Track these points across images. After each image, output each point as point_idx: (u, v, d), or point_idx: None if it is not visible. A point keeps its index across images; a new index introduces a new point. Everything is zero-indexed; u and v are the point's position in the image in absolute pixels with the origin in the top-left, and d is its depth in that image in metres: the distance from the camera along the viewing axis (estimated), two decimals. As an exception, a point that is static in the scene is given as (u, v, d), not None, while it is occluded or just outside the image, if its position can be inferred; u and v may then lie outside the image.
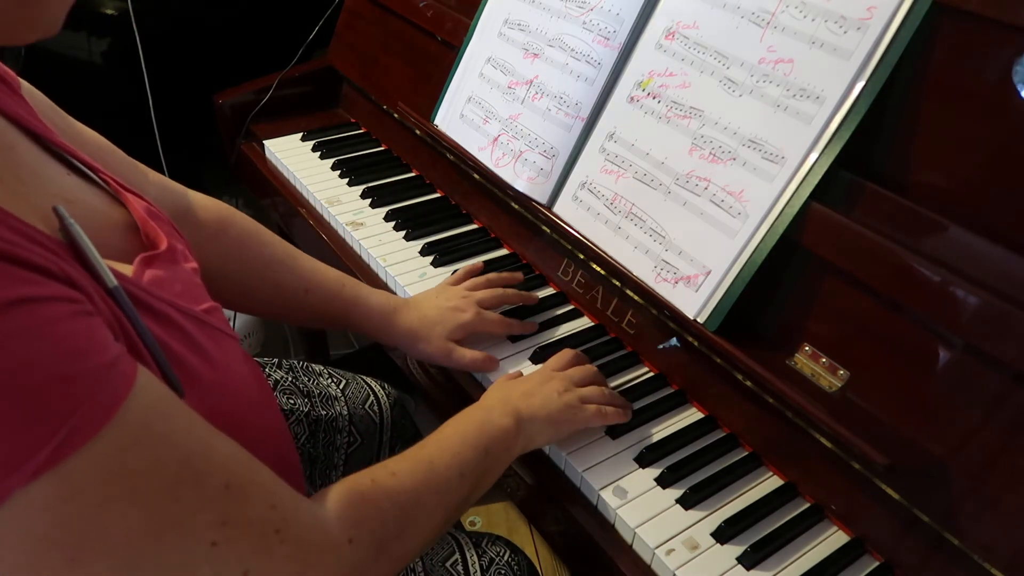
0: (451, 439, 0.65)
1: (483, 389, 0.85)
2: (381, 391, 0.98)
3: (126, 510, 0.39)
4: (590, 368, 0.80)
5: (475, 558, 0.77)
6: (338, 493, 0.53)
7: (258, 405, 0.58)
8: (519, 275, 0.95)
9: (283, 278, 0.82)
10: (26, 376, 0.35)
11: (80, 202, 0.52)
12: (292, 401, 0.89)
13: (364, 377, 0.99)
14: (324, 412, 0.90)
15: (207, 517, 0.42)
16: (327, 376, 0.96)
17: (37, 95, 0.60)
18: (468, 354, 0.84)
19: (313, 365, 0.97)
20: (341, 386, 0.95)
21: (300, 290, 0.83)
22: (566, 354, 0.82)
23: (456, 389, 0.87)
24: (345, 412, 0.92)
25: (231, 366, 0.54)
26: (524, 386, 0.75)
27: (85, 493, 0.37)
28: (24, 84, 0.58)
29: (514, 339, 0.89)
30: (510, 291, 0.91)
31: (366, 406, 0.94)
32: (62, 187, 0.52)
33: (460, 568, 0.76)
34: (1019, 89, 0.63)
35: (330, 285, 0.84)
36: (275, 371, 0.93)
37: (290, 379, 0.93)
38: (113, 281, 0.44)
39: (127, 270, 0.50)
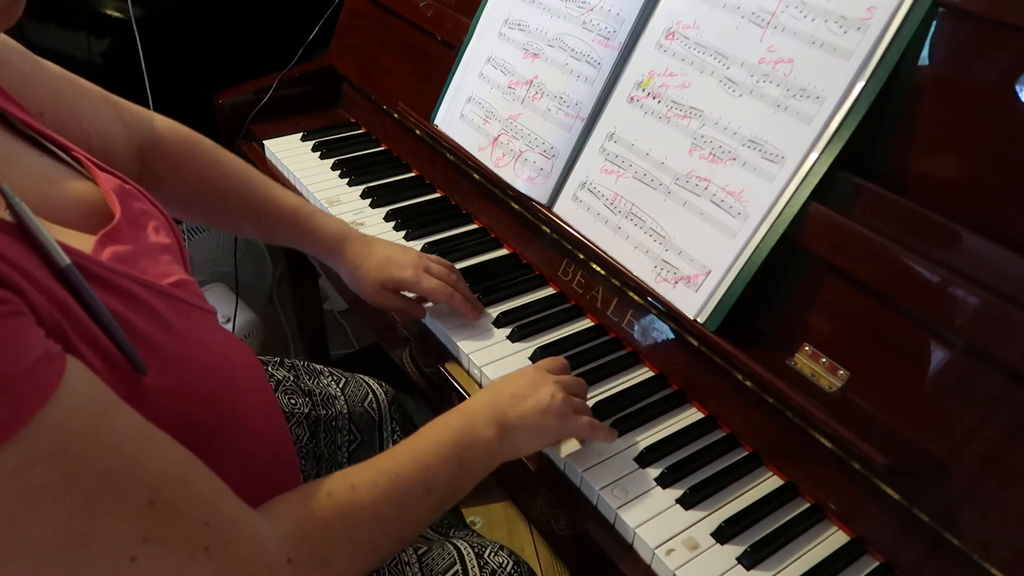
0: (424, 449, 0.61)
1: (481, 386, 0.85)
2: (379, 389, 0.98)
3: (33, 527, 0.37)
4: (580, 380, 0.78)
5: (476, 569, 0.76)
6: (288, 506, 0.52)
7: (238, 380, 0.57)
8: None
9: (241, 204, 0.86)
10: None
11: (52, 181, 0.52)
12: (293, 401, 0.90)
13: (363, 376, 0.99)
14: (324, 411, 0.91)
15: (126, 533, 0.40)
16: (327, 375, 0.96)
17: (10, 52, 0.60)
18: (392, 302, 0.91)
19: (314, 364, 0.98)
20: (340, 385, 0.96)
21: (254, 215, 0.87)
22: (559, 360, 0.80)
23: (453, 387, 0.87)
24: (345, 411, 0.92)
25: (203, 341, 0.52)
26: (514, 387, 0.71)
27: None
28: None
29: (513, 339, 0.89)
30: (458, 295, 0.89)
31: (365, 404, 0.95)
32: (33, 167, 0.51)
33: None
34: (1019, 92, 0.63)
35: (286, 212, 0.88)
36: (277, 370, 0.93)
37: (292, 378, 0.93)
38: (65, 260, 0.43)
39: (88, 244, 0.49)
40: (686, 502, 0.71)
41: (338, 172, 1.20)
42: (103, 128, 0.70)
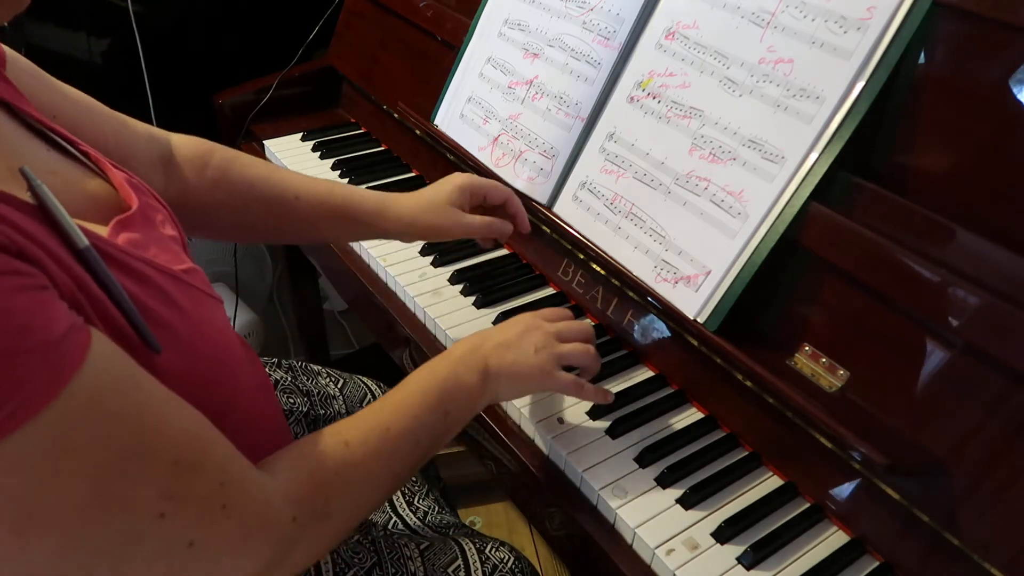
0: (411, 401, 0.63)
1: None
2: (378, 389, 0.98)
3: (71, 484, 0.39)
4: (583, 325, 0.77)
5: (478, 564, 0.77)
6: (286, 464, 0.54)
7: (240, 371, 0.58)
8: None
9: (271, 192, 0.82)
10: None
11: (60, 174, 0.53)
12: (292, 400, 0.90)
13: (360, 377, 1.00)
14: (323, 411, 0.91)
15: (154, 491, 0.43)
16: (325, 376, 0.97)
17: (21, 61, 0.61)
18: (477, 218, 0.85)
19: (312, 365, 0.98)
20: (339, 385, 0.96)
21: (290, 198, 0.82)
22: (561, 311, 0.79)
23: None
24: (343, 411, 0.92)
25: (210, 327, 0.54)
26: (501, 335, 0.71)
27: (30, 467, 0.38)
28: (9, 53, 0.58)
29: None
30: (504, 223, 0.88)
31: (363, 404, 0.95)
32: (41, 161, 0.52)
33: (463, 574, 0.76)
34: (1015, 91, 0.63)
35: (319, 189, 0.84)
36: (275, 371, 0.93)
37: (289, 379, 0.93)
38: (84, 241, 0.44)
39: (103, 232, 0.50)
40: (686, 502, 0.71)
41: (338, 172, 1.20)
42: (120, 133, 0.71)
